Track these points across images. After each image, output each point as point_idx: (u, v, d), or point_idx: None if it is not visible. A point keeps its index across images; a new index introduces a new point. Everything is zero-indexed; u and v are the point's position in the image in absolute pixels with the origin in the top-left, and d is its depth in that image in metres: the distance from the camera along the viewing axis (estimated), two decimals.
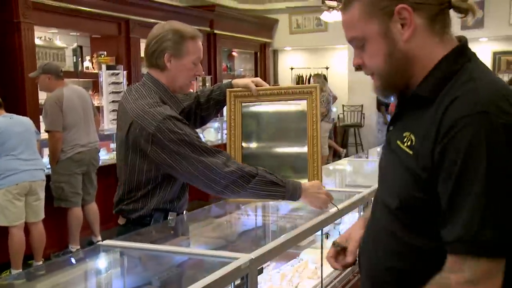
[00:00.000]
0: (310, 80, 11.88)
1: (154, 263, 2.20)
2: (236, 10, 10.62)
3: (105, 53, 7.36)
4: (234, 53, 11.33)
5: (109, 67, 7.02)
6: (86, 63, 7.32)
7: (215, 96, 2.59)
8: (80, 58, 7.13)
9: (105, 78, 6.89)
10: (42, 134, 5.36)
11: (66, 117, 5.26)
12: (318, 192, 2.21)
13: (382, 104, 10.45)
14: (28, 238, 4.93)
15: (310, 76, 11.93)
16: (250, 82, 2.47)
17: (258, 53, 11.57)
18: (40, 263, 5.02)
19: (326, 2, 8.94)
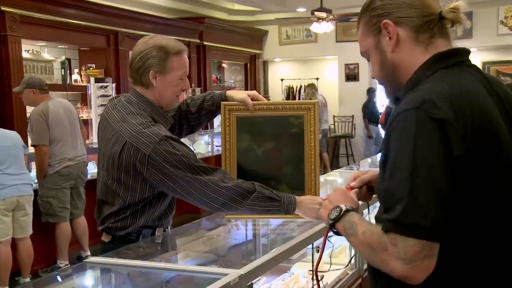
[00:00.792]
0: (300, 91, 11.89)
1: (143, 280, 2.16)
2: (225, 22, 10.63)
3: (93, 65, 7.32)
4: (224, 64, 11.33)
5: (97, 80, 6.98)
6: (75, 76, 7.27)
7: (208, 106, 2.50)
8: (68, 71, 7.09)
9: (93, 91, 6.85)
10: (30, 148, 5.29)
11: (53, 130, 5.20)
12: (313, 203, 2.17)
13: (365, 116, 10.46)
14: (15, 254, 4.85)
15: (301, 87, 11.94)
16: (246, 96, 2.33)
17: (248, 64, 11.58)
18: (27, 280, 4.95)
19: (315, 13, 8.96)
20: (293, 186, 2.27)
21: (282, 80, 12.28)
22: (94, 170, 6.29)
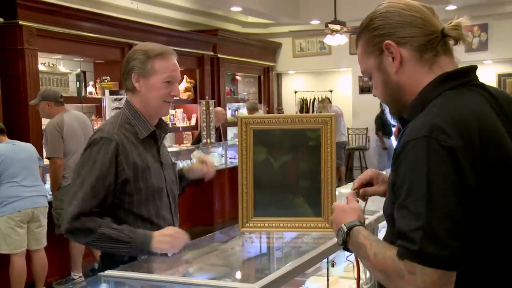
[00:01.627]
0: (314, 103, 11.87)
1: None
2: (239, 34, 10.67)
3: (108, 78, 7.38)
4: (238, 76, 11.35)
5: (112, 92, 7.02)
6: (90, 88, 7.33)
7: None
8: (83, 83, 7.14)
9: (108, 103, 6.88)
10: (44, 160, 5.33)
11: (67, 143, 5.23)
12: (164, 236, 2.16)
13: (379, 129, 10.39)
14: (29, 266, 4.86)
15: (314, 99, 11.93)
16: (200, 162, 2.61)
17: (262, 76, 11.60)
18: None
19: (329, 25, 8.96)
20: (309, 199, 2.25)
21: (295, 92, 12.28)
22: None
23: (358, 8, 8.72)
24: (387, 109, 1.55)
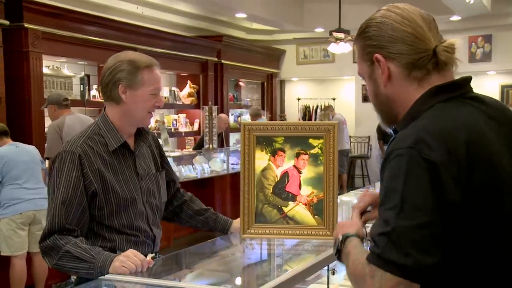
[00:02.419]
0: (317, 110, 11.88)
1: None
2: (243, 41, 10.70)
3: None
4: (241, 83, 11.37)
5: None
6: (93, 92, 7.35)
7: (202, 224, 2.65)
8: (87, 87, 7.16)
9: None
10: (46, 162, 5.33)
11: None
12: (122, 257, 2.04)
13: (381, 138, 10.39)
14: (30, 268, 4.87)
15: (317, 106, 11.93)
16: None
17: (265, 83, 11.62)
18: None
19: (333, 33, 8.98)
20: (311, 207, 2.26)
21: (298, 99, 12.29)
22: None
23: (362, 17, 8.68)
24: (379, 116, 1.54)
